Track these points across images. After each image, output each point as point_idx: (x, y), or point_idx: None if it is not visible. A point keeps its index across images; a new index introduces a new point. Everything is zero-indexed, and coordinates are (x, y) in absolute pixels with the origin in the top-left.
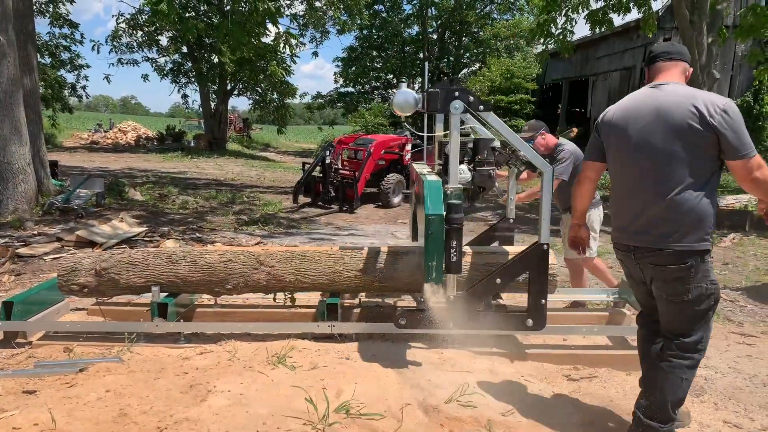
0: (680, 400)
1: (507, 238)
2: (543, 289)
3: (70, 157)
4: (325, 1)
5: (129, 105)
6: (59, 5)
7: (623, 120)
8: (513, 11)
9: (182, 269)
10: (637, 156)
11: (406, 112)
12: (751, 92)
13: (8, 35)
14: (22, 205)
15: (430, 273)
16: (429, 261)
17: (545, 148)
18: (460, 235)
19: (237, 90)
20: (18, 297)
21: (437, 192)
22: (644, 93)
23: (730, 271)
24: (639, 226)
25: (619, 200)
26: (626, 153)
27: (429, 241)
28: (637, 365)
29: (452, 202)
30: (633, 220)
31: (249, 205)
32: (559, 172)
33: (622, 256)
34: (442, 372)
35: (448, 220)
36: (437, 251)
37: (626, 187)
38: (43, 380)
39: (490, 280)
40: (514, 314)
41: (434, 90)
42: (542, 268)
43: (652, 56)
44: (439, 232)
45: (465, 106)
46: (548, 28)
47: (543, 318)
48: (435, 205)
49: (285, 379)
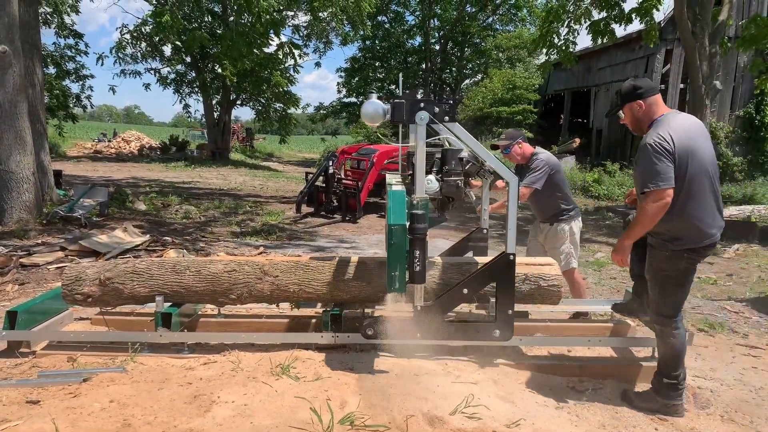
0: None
1: (481, 248)
2: (510, 299)
3: (73, 167)
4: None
5: (132, 115)
6: (64, 16)
7: (694, 142)
8: (515, 22)
9: (186, 279)
10: (714, 171)
11: (374, 123)
12: (754, 103)
13: (14, 45)
14: (26, 215)
15: (392, 283)
16: (392, 271)
17: (522, 157)
18: (423, 245)
19: (240, 100)
20: (22, 306)
21: (400, 202)
22: (686, 118)
23: (734, 282)
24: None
25: (711, 208)
26: (711, 169)
27: (391, 251)
28: (642, 377)
29: (416, 212)
30: (721, 218)
31: (251, 215)
32: (532, 180)
33: (706, 255)
34: (447, 383)
35: (411, 230)
36: (400, 261)
37: (715, 197)
38: (46, 390)
39: (457, 290)
40: (481, 324)
41: (399, 101)
42: (508, 278)
43: (641, 92)
44: (402, 242)
45: (430, 117)
46: (551, 39)
47: (510, 328)
48: (397, 215)
49: (289, 390)
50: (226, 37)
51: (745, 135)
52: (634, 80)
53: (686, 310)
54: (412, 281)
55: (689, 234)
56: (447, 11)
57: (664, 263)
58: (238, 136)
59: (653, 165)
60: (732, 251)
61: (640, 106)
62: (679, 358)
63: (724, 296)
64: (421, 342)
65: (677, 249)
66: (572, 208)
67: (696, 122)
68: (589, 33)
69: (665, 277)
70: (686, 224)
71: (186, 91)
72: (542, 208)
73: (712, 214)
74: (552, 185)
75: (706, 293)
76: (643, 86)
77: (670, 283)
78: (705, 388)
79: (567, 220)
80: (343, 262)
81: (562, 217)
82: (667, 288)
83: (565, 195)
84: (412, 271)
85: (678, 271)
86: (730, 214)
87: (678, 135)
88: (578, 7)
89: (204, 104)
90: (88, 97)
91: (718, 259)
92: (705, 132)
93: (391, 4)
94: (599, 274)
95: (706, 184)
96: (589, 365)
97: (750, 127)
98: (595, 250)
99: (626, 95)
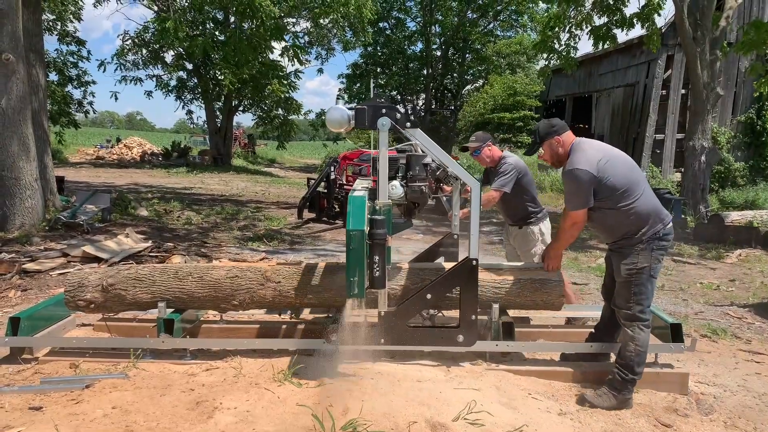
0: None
1: (451, 253)
2: (473, 304)
3: (75, 173)
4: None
5: (134, 121)
6: (67, 23)
7: (607, 153)
8: (516, 28)
9: (188, 285)
10: (640, 171)
11: (339, 129)
12: (755, 108)
13: (18, 52)
14: (29, 221)
15: (351, 288)
16: (350, 276)
17: (491, 160)
18: (383, 251)
19: (242, 106)
20: (25, 312)
21: (359, 207)
22: (600, 143)
23: (736, 288)
24: None
25: (653, 198)
26: (637, 171)
27: (350, 256)
28: (644, 383)
29: (375, 218)
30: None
31: (253, 221)
32: (502, 184)
33: (669, 241)
34: (449, 389)
35: (371, 235)
36: (359, 266)
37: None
38: (49, 396)
39: (421, 295)
40: (444, 330)
41: (361, 107)
42: (472, 283)
43: (557, 128)
44: (360, 248)
45: (392, 123)
46: (551, 44)
47: (474, 333)
48: (356, 221)
49: (291, 396)
50: (230, 42)
51: (746, 140)
52: (547, 120)
53: (689, 316)
54: (371, 287)
55: (648, 222)
56: (448, 17)
57: (636, 258)
58: (240, 142)
59: (572, 188)
60: (735, 256)
61: (558, 141)
62: (646, 354)
63: (726, 302)
64: (383, 348)
65: (647, 239)
66: (539, 210)
67: (601, 143)
68: (590, 38)
69: (638, 271)
70: (641, 216)
71: (188, 98)
72: (511, 212)
73: (657, 202)
74: (520, 188)
75: (708, 299)
76: (557, 124)
77: (645, 275)
78: (708, 394)
79: (535, 222)
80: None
81: (530, 220)
82: (641, 281)
83: (532, 198)
84: (372, 277)
85: (649, 262)
86: (733, 219)
87: (593, 156)
88: (579, 12)
89: (206, 111)
90: (90, 103)
91: (721, 264)
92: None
93: (393, 10)
94: (599, 280)
95: (640, 181)
96: (590, 371)
97: (751, 132)
98: (598, 255)
99: (545, 134)
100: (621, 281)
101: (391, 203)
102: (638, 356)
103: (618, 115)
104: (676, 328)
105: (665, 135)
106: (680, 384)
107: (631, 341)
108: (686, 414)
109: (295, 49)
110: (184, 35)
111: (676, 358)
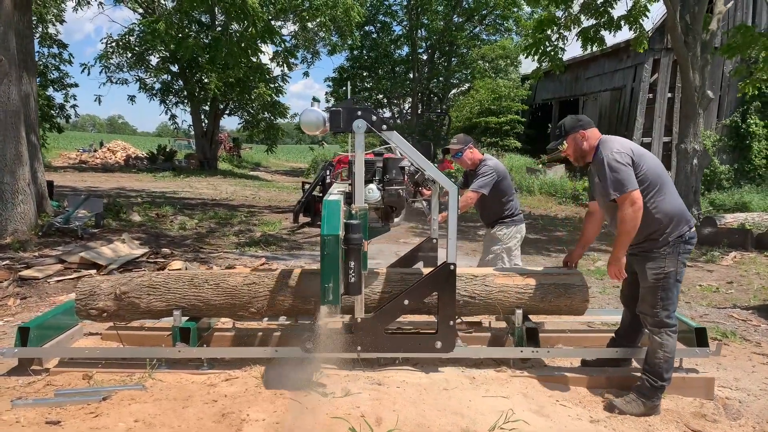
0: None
1: (430, 258)
2: (451, 310)
3: (60, 177)
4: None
5: (116, 124)
6: (48, 25)
7: (638, 148)
8: (501, 32)
9: (205, 292)
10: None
11: (313, 132)
12: (740, 112)
13: (10, 53)
14: (22, 227)
15: (326, 295)
16: (325, 282)
17: (471, 162)
18: (359, 256)
19: (228, 110)
20: (34, 322)
21: (334, 212)
22: (620, 137)
23: (735, 290)
24: None
25: (678, 197)
26: (666, 175)
27: (324, 262)
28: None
29: (350, 222)
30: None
31: (248, 225)
32: (480, 185)
33: (693, 245)
34: (478, 397)
35: (346, 240)
36: (333, 272)
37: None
38: (65, 410)
39: (398, 301)
40: (422, 336)
41: (336, 109)
42: (450, 288)
43: (583, 123)
44: (335, 253)
45: (368, 125)
46: (543, 46)
47: (452, 340)
48: (330, 226)
49: (319, 407)
50: (221, 44)
51: (731, 143)
52: (573, 115)
53: (694, 319)
54: (347, 293)
55: (673, 222)
56: (434, 21)
57: (662, 262)
58: (225, 145)
59: (616, 174)
60: (730, 258)
61: (583, 135)
62: (673, 360)
63: (728, 304)
64: (362, 356)
65: (672, 241)
66: (515, 214)
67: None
68: (578, 40)
69: (665, 276)
70: (667, 215)
71: (173, 101)
72: (486, 214)
73: (682, 204)
74: (498, 192)
75: (710, 301)
76: (583, 119)
77: (671, 279)
78: (733, 398)
79: (508, 224)
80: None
81: (503, 221)
82: (668, 286)
83: (509, 201)
84: (347, 283)
85: (676, 266)
86: (725, 221)
87: (627, 145)
88: (568, 14)
89: (192, 114)
90: (73, 107)
91: (717, 266)
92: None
93: (379, 14)
94: (602, 283)
95: (666, 178)
96: (615, 376)
97: (736, 135)
98: (596, 258)
99: (570, 127)
100: (647, 286)
101: (367, 207)
102: (666, 363)
103: (605, 119)
104: (701, 332)
105: (652, 138)
106: (706, 389)
107: (659, 348)
108: (715, 419)
109: (286, 54)
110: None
111: (695, 362)
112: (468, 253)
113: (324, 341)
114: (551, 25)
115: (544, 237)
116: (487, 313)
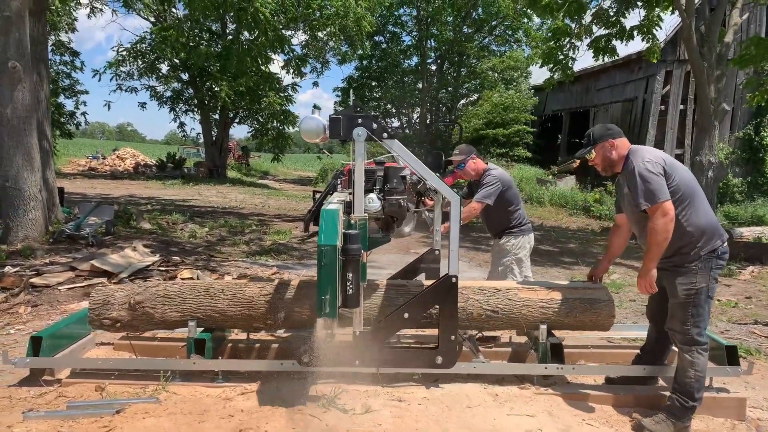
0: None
1: (433, 269)
2: (453, 324)
3: (70, 184)
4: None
5: (125, 132)
6: (60, 33)
7: (670, 158)
8: (511, 43)
9: (220, 303)
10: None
11: (313, 139)
12: (753, 124)
13: (24, 60)
14: (33, 233)
15: (323, 307)
16: (322, 294)
17: (475, 173)
18: (357, 267)
19: (238, 118)
20: (46, 331)
21: (332, 222)
22: (656, 149)
23: (755, 306)
24: None
25: (711, 211)
26: (698, 188)
27: (321, 273)
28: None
29: (349, 233)
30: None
31: (259, 234)
32: (485, 195)
33: (725, 260)
34: (502, 415)
35: (344, 251)
36: (330, 284)
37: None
38: (78, 423)
39: (398, 314)
40: (422, 351)
41: (336, 117)
42: (451, 301)
43: (612, 132)
44: (332, 264)
45: (368, 134)
46: (556, 56)
47: (453, 355)
48: (328, 236)
49: (341, 424)
50: (232, 52)
51: (744, 156)
52: (603, 124)
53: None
54: (344, 305)
55: (704, 236)
56: (443, 32)
57: (694, 277)
58: (234, 154)
59: (648, 184)
60: (747, 273)
61: (612, 144)
62: (704, 379)
63: (749, 320)
64: (360, 370)
65: (704, 255)
66: (522, 223)
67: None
68: (590, 49)
69: (697, 292)
70: (699, 229)
71: (183, 109)
72: (492, 224)
73: (714, 218)
74: (504, 201)
75: (730, 317)
76: (612, 128)
77: (703, 295)
78: (759, 418)
79: (516, 234)
80: (386, 285)
81: (511, 231)
82: (699, 302)
83: (516, 210)
84: (345, 295)
85: (707, 281)
86: (742, 235)
87: (659, 155)
88: (580, 24)
89: (202, 122)
90: (84, 114)
91: (734, 281)
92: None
93: (388, 24)
94: (618, 297)
95: (698, 191)
96: (643, 395)
97: (749, 148)
98: (611, 271)
99: (599, 136)
100: (677, 302)
101: (367, 217)
102: (698, 382)
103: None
104: (732, 350)
105: (664, 150)
106: (738, 409)
107: (690, 367)
108: None
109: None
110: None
111: (722, 380)
112: (480, 264)
113: (322, 355)
114: (564, 35)
115: (557, 249)
116: (510, 327)
